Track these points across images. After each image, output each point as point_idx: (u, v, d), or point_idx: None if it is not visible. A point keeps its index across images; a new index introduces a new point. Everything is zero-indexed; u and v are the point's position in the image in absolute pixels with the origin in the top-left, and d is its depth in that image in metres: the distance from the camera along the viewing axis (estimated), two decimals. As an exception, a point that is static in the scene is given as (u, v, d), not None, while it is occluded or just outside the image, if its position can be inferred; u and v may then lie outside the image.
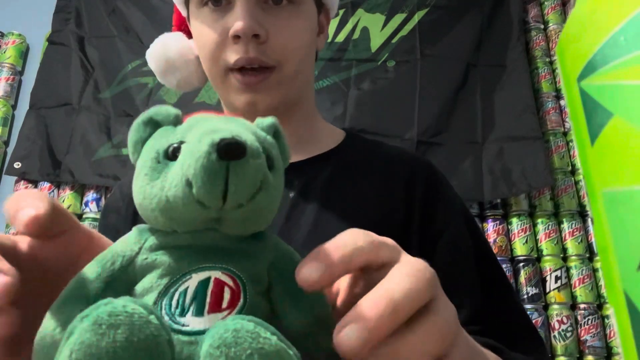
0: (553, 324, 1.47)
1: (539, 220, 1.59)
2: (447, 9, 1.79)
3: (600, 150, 0.18)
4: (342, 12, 1.81)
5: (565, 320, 1.47)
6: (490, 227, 1.58)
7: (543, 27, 1.84)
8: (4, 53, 1.78)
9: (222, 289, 0.23)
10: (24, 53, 1.83)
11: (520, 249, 1.55)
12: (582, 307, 1.49)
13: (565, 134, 1.70)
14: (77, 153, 1.65)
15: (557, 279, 1.51)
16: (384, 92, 1.70)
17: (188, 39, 0.62)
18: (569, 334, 1.45)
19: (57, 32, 1.79)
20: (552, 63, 1.78)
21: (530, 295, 1.50)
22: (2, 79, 1.74)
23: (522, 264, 1.53)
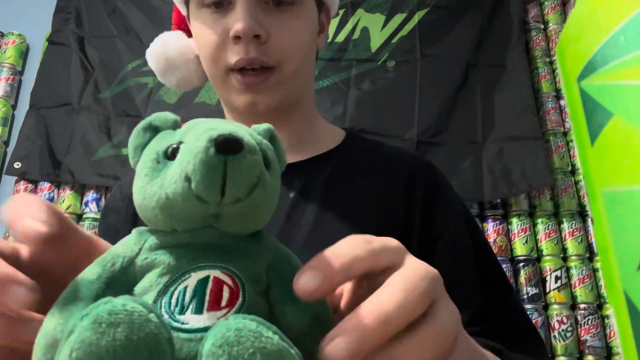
0: (553, 324, 1.47)
1: (539, 220, 1.59)
2: (447, 9, 1.79)
3: (600, 150, 0.18)
4: (342, 12, 1.80)
5: (565, 320, 1.47)
6: (490, 227, 1.58)
7: (543, 27, 1.84)
8: (4, 53, 1.78)
9: (221, 288, 0.23)
10: (24, 53, 1.83)
11: (520, 249, 1.55)
12: (582, 307, 1.49)
13: (565, 134, 1.70)
14: (77, 153, 1.65)
15: (557, 279, 1.51)
16: (384, 92, 1.70)
17: (188, 38, 0.62)
18: (569, 334, 1.45)
19: (57, 32, 1.79)
20: (552, 63, 1.78)
21: (530, 295, 1.50)
22: (2, 79, 1.74)
23: (522, 264, 1.53)
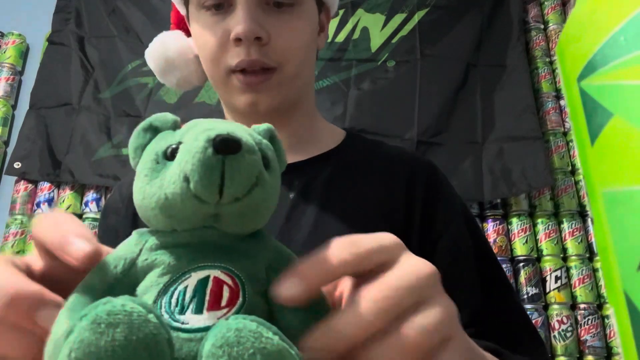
0: (553, 324, 1.47)
1: (539, 220, 1.59)
2: (447, 9, 1.79)
3: (600, 150, 0.18)
4: (342, 12, 1.80)
5: (565, 320, 1.47)
6: (490, 227, 1.58)
7: (543, 27, 1.84)
8: (4, 53, 1.78)
9: (221, 288, 0.23)
10: (24, 53, 1.83)
11: (520, 249, 1.55)
12: (582, 307, 1.49)
13: (565, 134, 1.70)
14: (77, 153, 1.64)
15: (557, 279, 1.51)
16: (384, 92, 1.70)
17: (187, 37, 0.62)
18: (569, 334, 1.45)
19: (57, 32, 1.79)
20: (552, 63, 1.78)
21: (530, 295, 1.50)
22: (2, 79, 1.74)
23: (522, 264, 1.53)
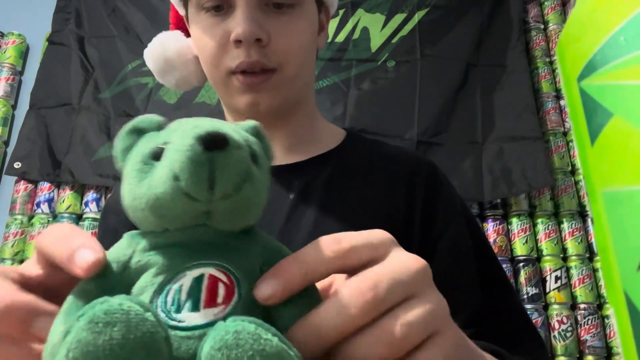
0: (553, 324, 1.47)
1: (539, 220, 1.59)
2: (447, 9, 1.79)
3: (600, 150, 0.18)
4: (342, 12, 1.80)
5: (565, 320, 1.46)
6: (490, 227, 1.58)
7: (543, 27, 1.84)
8: (4, 53, 1.78)
9: (216, 285, 0.23)
10: (24, 53, 1.83)
11: (520, 249, 1.55)
12: (582, 307, 1.49)
13: (565, 134, 1.70)
14: (77, 153, 1.64)
15: (557, 279, 1.51)
16: (384, 92, 1.70)
17: (186, 38, 0.62)
18: (569, 334, 1.45)
19: (57, 32, 1.79)
20: (552, 63, 1.78)
21: (530, 295, 1.50)
22: (2, 79, 1.74)
23: (522, 264, 1.53)
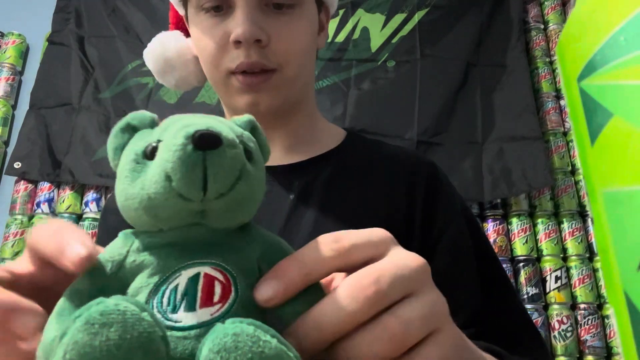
0: (553, 324, 1.47)
1: (539, 220, 1.59)
2: (447, 9, 1.79)
3: (600, 150, 0.18)
4: (342, 12, 1.80)
5: (565, 320, 1.47)
6: (490, 227, 1.58)
7: (543, 27, 1.84)
8: (4, 53, 1.77)
9: (212, 284, 0.23)
10: (24, 53, 1.83)
11: (520, 249, 1.55)
12: (582, 307, 1.49)
13: (565, 134, 1.70)
14: (77, 153, 1.64)
15: (557, 279, 1.51)
16: (384, 92, 1.70)
17: (186, 38, 0.62)
18: (569, 334, 1.45)
19: (57, 32, 1.79)
20: (552, 63, 1.78)
21: (530, 295, 1.50)
22: (2, 79, 1.74)
23: (522, 264, 1.53)
